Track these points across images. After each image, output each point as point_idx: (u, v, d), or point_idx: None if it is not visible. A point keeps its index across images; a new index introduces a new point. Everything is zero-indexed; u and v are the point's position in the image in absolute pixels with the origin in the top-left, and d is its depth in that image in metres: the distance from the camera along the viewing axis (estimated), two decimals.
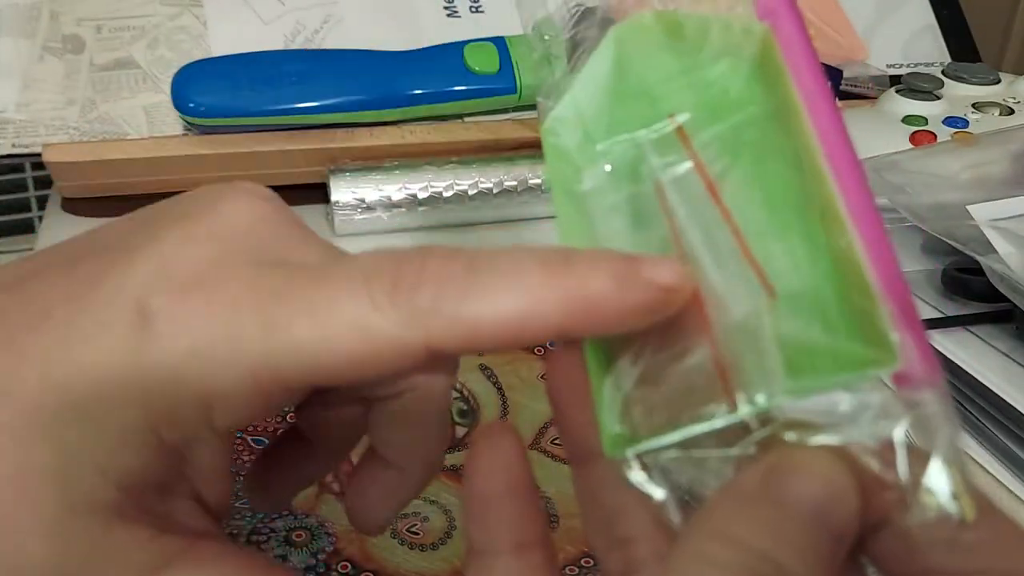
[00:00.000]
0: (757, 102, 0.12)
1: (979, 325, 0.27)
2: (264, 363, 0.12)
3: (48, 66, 0.34)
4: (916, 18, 0.42)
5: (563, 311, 0.12)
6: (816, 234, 0.11)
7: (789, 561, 0.10)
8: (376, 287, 0.12)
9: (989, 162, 0.30)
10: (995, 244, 0.26)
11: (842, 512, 0.11)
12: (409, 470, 0.15)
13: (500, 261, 0.12)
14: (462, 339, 0.12)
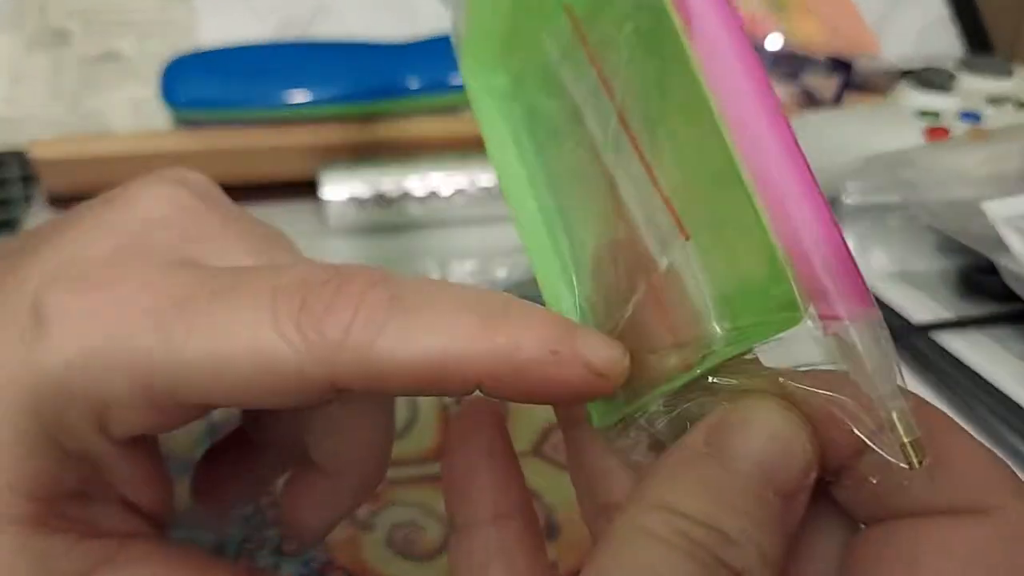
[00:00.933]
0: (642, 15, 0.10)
1: (994, 326, 0.26)
2: (155, 377, 0.11)
3: (35, 60, 0.33)
4: (928, 10, 0.42)
5: (487, 368, 0.11)
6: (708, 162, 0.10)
7: (733, 526, 0.09)
8: (283, 307, 0.11)
9: (1004, 157, 0.29)
10: (1010, 243, 0.25)
11: (791, 468, 0.10)
12: (345, 480, 0.14)
13: (428, 297, 0.11)
14: (370, 378, 0.11)
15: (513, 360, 0.11)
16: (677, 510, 0.10)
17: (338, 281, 0.11)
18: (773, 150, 0.09)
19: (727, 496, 0.10)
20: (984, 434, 0.25)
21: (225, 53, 0.31)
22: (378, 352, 0.11)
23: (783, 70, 0.39)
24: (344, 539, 0.21)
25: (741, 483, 0.10)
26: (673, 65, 0.10)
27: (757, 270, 0.09)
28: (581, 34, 0.12)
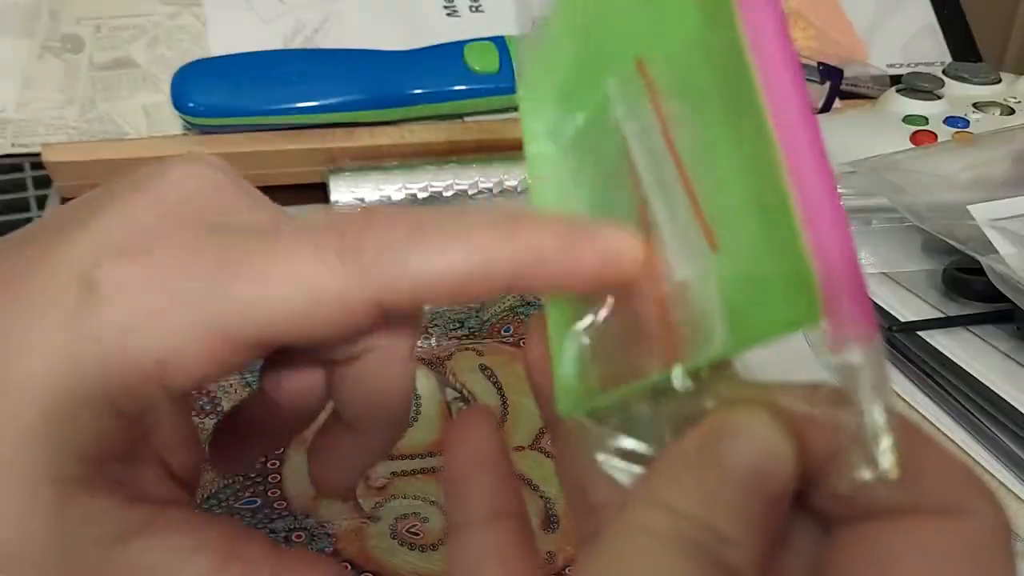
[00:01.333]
0: (707, 41, 0.12)
1: (980, 325, 0.27)
2: (211, 323, 0.12)
3: (47, 65, 0.34)
4: (917, 17, 0.42)
5: (511, 266, 0.12)
6: (756, 186, 0.11)
7: (726, 526, 0.10)
8: (323, 243, 0.12)
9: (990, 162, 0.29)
10: (996, 244, 0.26)
11: (778, 475, 0.11)
12: (371, 434, 0.15)
13: (447, 220, 0.12)
14: (410, 293, 0.12)
15: (533, 255, 0.12)
16: (676, 510, 0.10)
17: (367, 214, 0.12)
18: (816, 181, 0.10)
19: (722, 499, 0.10)
20: (969, 429, 0.25)
21: (235, 60, 0.32)
22: (413, 267, 0.12)
23: None
24: (349, 530, 0.21)
25: (735, 487, 0.10)
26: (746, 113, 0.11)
27: (780, 281, 0.10)
28: (649, 81, 0.13)
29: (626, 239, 0.12)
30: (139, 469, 0.13)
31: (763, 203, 0.11)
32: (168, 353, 0.12)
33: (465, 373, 0.26)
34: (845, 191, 0.29)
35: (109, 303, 0.12)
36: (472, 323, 0.28)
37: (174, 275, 0.12)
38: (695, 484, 0.11)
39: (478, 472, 0.13)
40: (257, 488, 0.22)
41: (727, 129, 0.12)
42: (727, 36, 0.11)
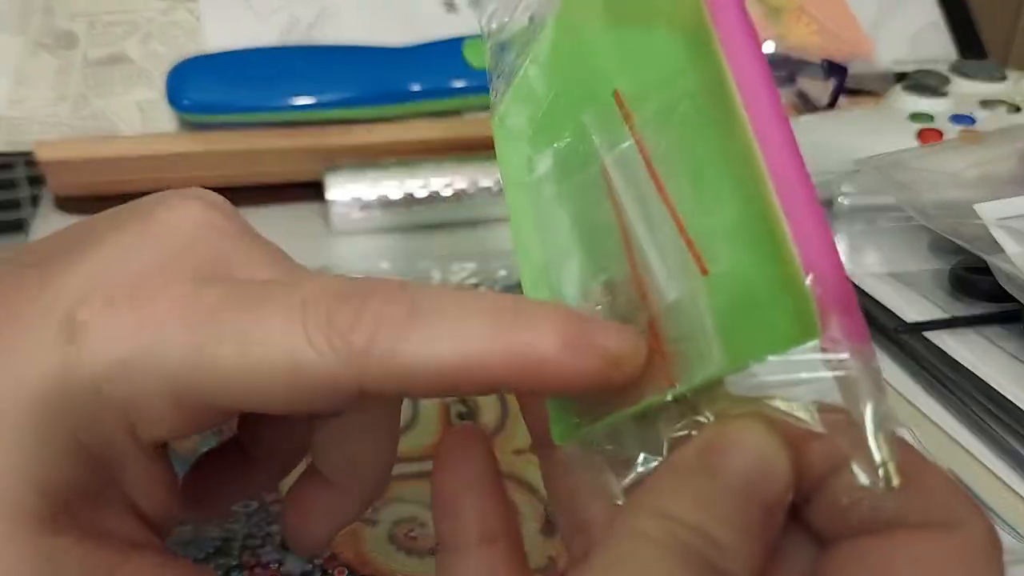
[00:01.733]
0: (690, 72, 0.12)
1: (987, 326, 0.27)
2: (187, 383, 0.12)
3: (41, 62, 0.34)
4: (922, 14, 0.42)
5: (505, 366, 0.11)
6: (744, 209, 0.11)
7: (722, 534, 0.10)
8: (311, 320, 0.12)
9: (996, 160, 0.29)
10: (1002, 243, 0.26)
11: (775, 485, 0.11)
12: (350, 490, 0.15)
13: (445, 305, 0.12)
14: (396, 382, 0.12)
15: (529, 357, 0.11)
16: (674, 517, 0.10)
17: (360, 296, 0.12)
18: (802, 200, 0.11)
19: (719, 508, 0.11)
20: (976, 431, 0.25)
21: (230, 57, 0.32)
22: (401, 359, 0.12)
23: (779, 74, 0.39)
24: (347, 534, 0.21)
25: (731, 496, 0.11)
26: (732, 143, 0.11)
27: (773, 299, 0.11)
28: (626, 112, 0.13)
29: (629, 341, 0.12)
30: (107, 510, 0.13)
31: (752, 225, 0.11)
32: (137, 408, 0.12)
33: None
34: (850, 190, 0.29)
35: (86, 347, 0.12)
36: None
37: (156, 330, 0.12)
38: (693, 493, 0.11)
39: (469, 493, 0.13)
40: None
41: (711, 155, 0.12)
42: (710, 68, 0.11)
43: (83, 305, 0.12)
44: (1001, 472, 0.24)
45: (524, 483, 0.23)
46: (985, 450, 0.25)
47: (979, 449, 0.25)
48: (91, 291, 0.12)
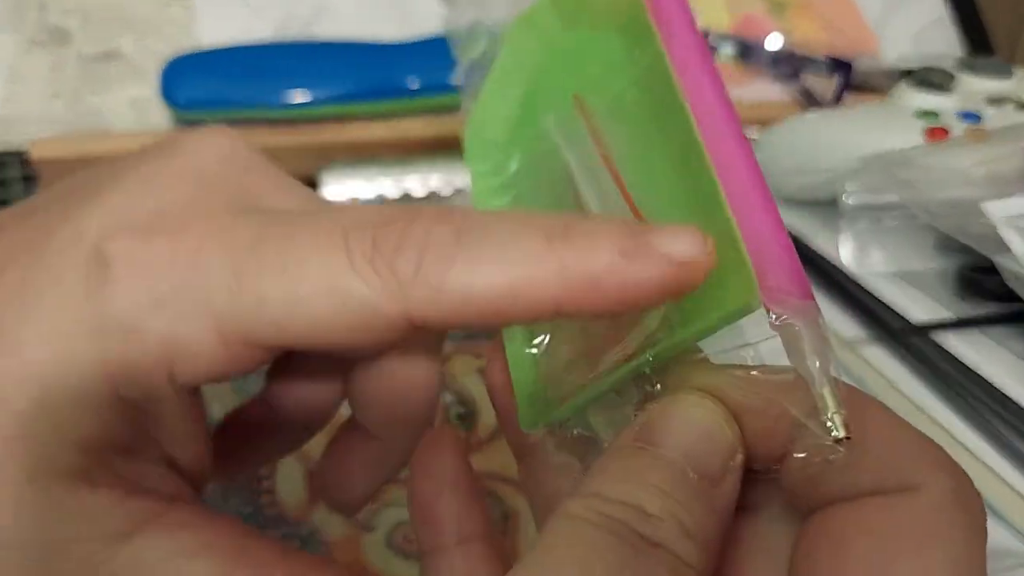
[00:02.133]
0: (634, 64, 0.13)
1: (994, 326, 0.26)
2: (230, 319, 0.11)
3: (34, 59, 0.33)
4: (928, 10, 0.42)
5: (561, 287, 0.11)
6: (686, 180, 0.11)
7: (652, 504, 0.10)
8: (356, 247, 0.11)
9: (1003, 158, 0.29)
10: (1010, 243, 0.25)
11: (713, 452, 0.11)
12: (391, 441, 0.15)
13: (494, 227, 0.11)
14: (447, 312, 0.11)
15: (587, 272, 0.11)
16: (601, 495, 0.10)
17: (405, 221, 0.11)
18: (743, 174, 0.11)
19: (648, 478, 0.10)
20: (983, 433, 0.25)
21: (225, 53, 0.31)
22: (450, 285, 0.11)
23: (783, 70, 0.39)
24: (344, 539, 0.21)
25: (662, 466, 0.11)
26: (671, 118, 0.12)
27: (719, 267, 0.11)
28: (586, 112, 0.14)
29: (691, 240, 0.11)
30: (143, 462, 0.13)
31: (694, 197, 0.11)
32: (177, 345, 0.11)
33: (463, 376, 0.25)
34: (855, 188, 0.29)
35: (119, 282, 0.11)
36: None
37: (193, 261, 0.11)
38: (622, 469, 0.11)
39: (444, 497, 0.13)
40: (249, 495, 0.22)
41: (659, 139, 0.12)
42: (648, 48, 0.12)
43: (112, 239, 0.11)
44: (1007, 475, 0.24)
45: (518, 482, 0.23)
46: (992, 452, 0.24)
47: (985, 451, 0.24)
48: (119, 224, 0.12)
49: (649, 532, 0.10)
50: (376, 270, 0.11)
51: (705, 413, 0.11)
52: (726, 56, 0.38)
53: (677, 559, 0.10)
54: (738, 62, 0.39)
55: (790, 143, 0.32)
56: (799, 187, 0.32)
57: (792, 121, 0.33)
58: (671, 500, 0.10)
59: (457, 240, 0.11)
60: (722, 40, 0.38)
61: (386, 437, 0.15)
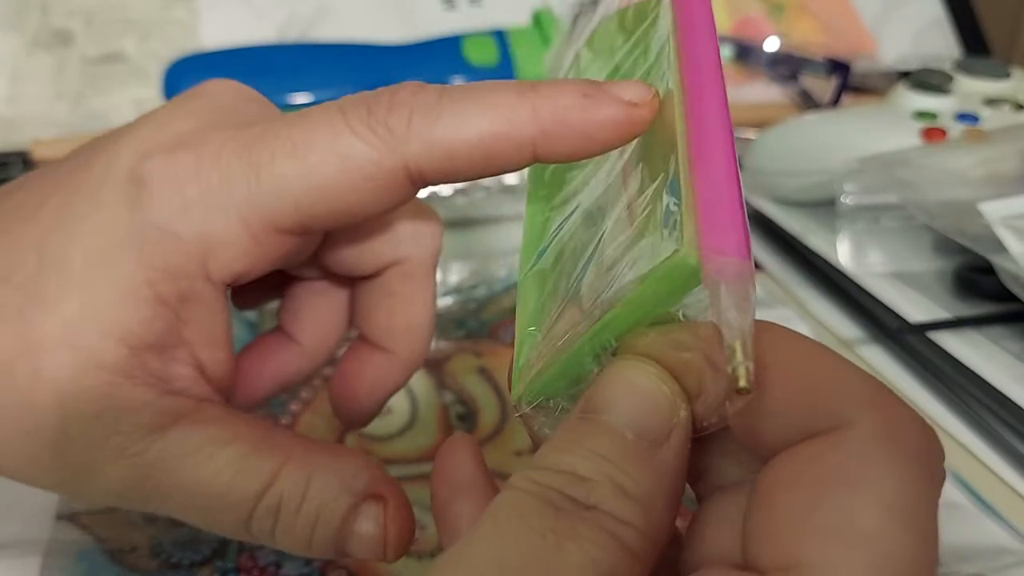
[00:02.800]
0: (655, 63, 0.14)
1: (991, 326, 0.26)
2: (253, 206, 0.13)
3: (37, 60, 0.34)
4: (926, 12, 0.42)
5: (535, 127, 0.13)
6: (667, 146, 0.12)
7: (587, 468, 0.10)
8: (353, 116, 0.13)
9: (1000, 159, 0.29)
10: (1007, 243, 0.25)
11: (652, 412, 0.11)
12: (396, 352, 0.16)
13: (472, 89, 0.13)
14: (440, 161, 0.13)
15: (554, 112, 0.13)
16: (538, 465, 0.11)
17: (391, 91, 0.13)
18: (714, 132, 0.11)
19: (583, 444, 0.11)
20: (980, 432, 0.25)
21: (227, 54, 0.31)
22: (440, 135, 0.13)
23: (781, 72, 0.39)
24: None
25: (600, 432, 0.11)
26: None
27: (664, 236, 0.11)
28: None
29: (641, 89, 0.13)
30: (177, 364, 0.14)
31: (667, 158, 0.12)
32: (209, 241, 0.13)
33: (464, 376, 0.25)
34: (853, 189, 0.29)
35: (153, 196, 0.13)
36: (472, 324, 0.28)
37: (214, 166, 0.13)
38: (561, 439, 0.11)
39: (464, 498, 0.13)
40: None
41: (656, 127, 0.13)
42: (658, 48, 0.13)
43: (144, 161, 0.13)
44: (1004, 473, 0.24)
45: None
46: (988, 451, 0.24)
47: (982, 450, 0.24)
48: (150, 148, 0.13)
49: (582, 496, 0.10)
50: (373, 130, 0.13)
51: (640, 375, 0.11)
52: (724, 57, 0.39)
53: (612, 518, 0.10)
54: (736, 64, 0.39)
55: (788, 144, 0.33)
56: (797, 188, 0.32)
57: (790, 122, 0.33)
58: (606, 462, 0.10)
59: (440, 99, 0.13)
60: (721, 42, 0.39)
61: (390, 348, 0.16)
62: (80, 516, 0.21)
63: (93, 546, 0.20)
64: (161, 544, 0.20)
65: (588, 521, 0.10)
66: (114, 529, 0.20)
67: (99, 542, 0.20)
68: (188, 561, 0.20)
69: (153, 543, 0.20)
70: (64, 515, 0.20)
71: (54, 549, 0.19)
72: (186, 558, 0.20)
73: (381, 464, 0.21)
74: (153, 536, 0.20)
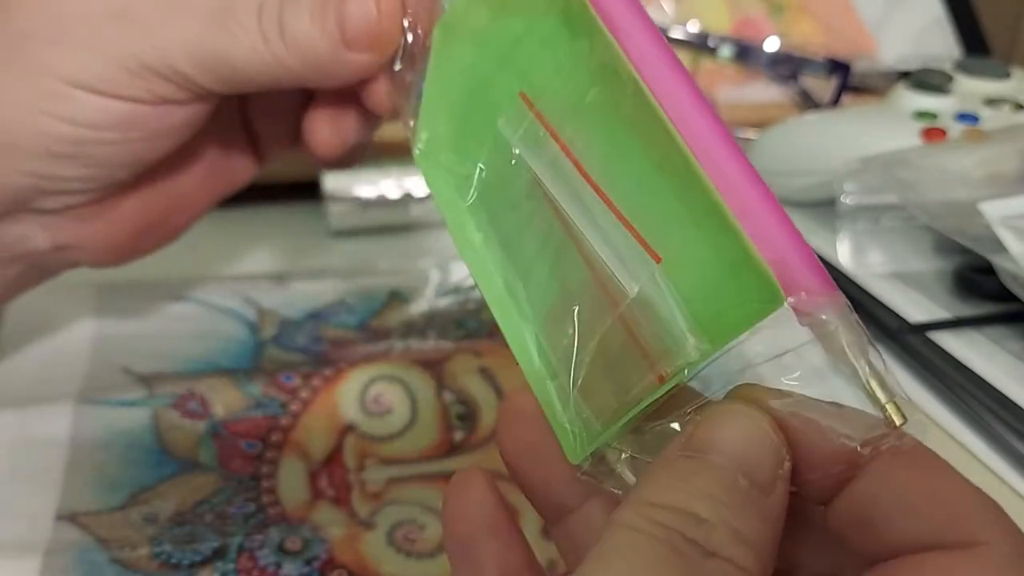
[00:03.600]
0: (583, 57, 0.12)
1: (991, 326, 0.26)
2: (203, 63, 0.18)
3: None
4: (926, 12, 0.42)
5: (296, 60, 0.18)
6: (676, 187, 0.11)
7: (706, 510, 0.10)
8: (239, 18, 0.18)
9: (1001, 159, 0.29)
10: (1007, 243, 0.25)
11: (762, 457, 0.11)
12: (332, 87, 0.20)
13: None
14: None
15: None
16: (651, 502, 0.10)
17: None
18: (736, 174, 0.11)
19: (698, 484, 0.10)
20: (980, 432, 0.25)
21: None
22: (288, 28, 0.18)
23: (781, 72, 0.39)
24: (345, 537, 0.21)
25: (712, 472, 0.11)
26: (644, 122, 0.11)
27: (732, 274, 0.11)
28: (537, 112, 0.13)
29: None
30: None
31: (691, 205, 0.11)
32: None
33: (464, 376, 0.26)
34: (853, 189, 0.29)
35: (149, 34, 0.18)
36: (471, 324, 0.28)
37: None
38: (672, 476, 0.11)
39: (484, 536, 0.13)
40: (250, 493, 0.22)
41: (630, 137, 0.12)
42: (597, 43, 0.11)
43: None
44: (1005, 474, 0.24)
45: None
46: (989, 451, 0.24)
47: (983, 450, 0.24)
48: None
49: (703, 539, 0.10)
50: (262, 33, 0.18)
51: (752, 421, 0.11)
52: (725, 57, 0.39)
53: (733, 566, 0.10)
54: (737, 64, 0.39)
55: (788, 144, 0.33)
56: (797, 188, 0.32)
57: (790, 122, 0.33)
58: (723, 506, 0.10)
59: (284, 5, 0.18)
60: (721, 42, 0.39)
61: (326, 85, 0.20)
62: (80, 517, 0.21)
63: (93, 547, 0.20)
64: (161, 545, 0.20)
65: (712, 571, 0.10)
66: (114, 530, 0.20)
67: (99, 543, 0.20)
68: (188, 562, 0.20)
69: (153, 544, 0.20)
70: (64, 516, 0.20)
71: (54, 549, 0.19)
72: (186, 559, 0.20)
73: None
74: (153, 537, 0.20)
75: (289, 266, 0.30)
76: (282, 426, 0.23)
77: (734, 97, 0.38)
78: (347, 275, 0.30)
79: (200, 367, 0.25)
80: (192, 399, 0.24)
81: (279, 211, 0.33)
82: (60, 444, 0.22)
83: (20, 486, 0.21)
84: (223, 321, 0.27)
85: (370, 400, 0.24)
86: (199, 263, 0.30)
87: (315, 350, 0.26)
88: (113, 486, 0.21)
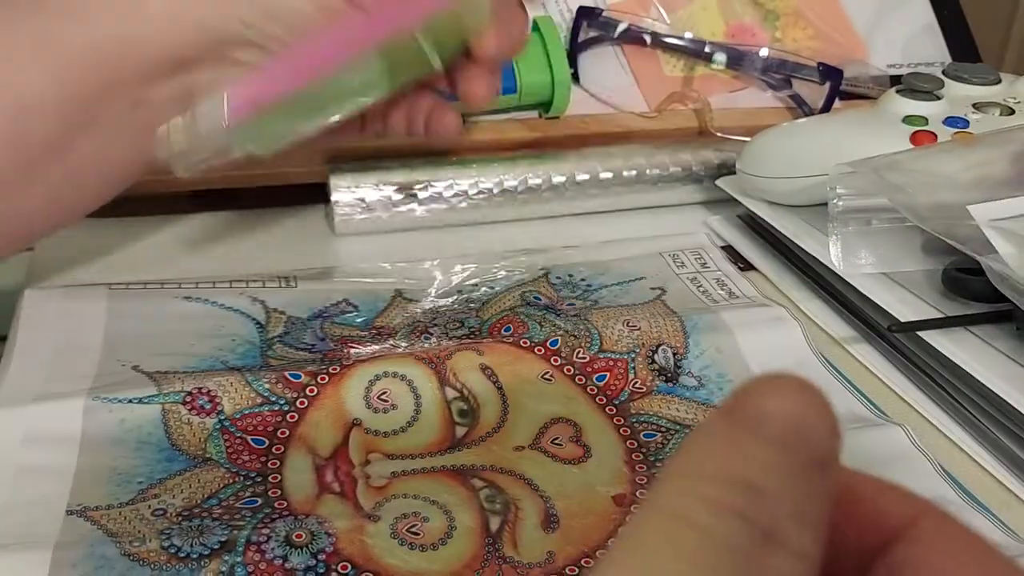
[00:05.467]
0: None
1: (979, 325, 0.27)
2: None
3: None
4: (916, 18, 0.42)
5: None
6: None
7: (762, 479, 0.09)
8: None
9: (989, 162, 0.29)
10: (995, 244, 0.26)
11: (820, 431, 0.09)
12: None
13: None
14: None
15: None
16: (694, 474, 0.09)
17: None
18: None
19: (756, 454, 0.09)
20: (970, 429, 0.25)
21: None
22: None
23: (775, 77, 0.40)
24: (349, 530, 0.21)
25: (769, 442, 0.09)
26: None
27: None
28: None
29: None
30: None
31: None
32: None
33: (465, 373, 0.26)
34: (844, 191, 0.29)
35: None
36: (472, 323, 0.28)
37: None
38: (719, 443, 0.09)
39: None
40: (258, 488, 0.22)
41: None
42: None
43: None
44: (994, 469, 0.24)
45: (524, 479, 0.23)
46: (978, 447, 0.25)
47: (972, 446, 0.25)
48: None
49: (766, 513, 0.08)
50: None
51: (808, 389, 0.09)
52: (719, 63, 0.39)
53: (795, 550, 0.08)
54: (731, 70, 0.40)
55: (781, 148, 0.33)
56: (790, 191, 0.33)
57: (783, 127, 0.34)
58: (785, 478, 0.09)
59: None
60: (715, 48, 0.39)
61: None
62: (90, 511, 0.21)
63: (103, 540, 0.20)
64: (170, 538, 0.20)
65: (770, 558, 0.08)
66: (124, 524, 0.21)
67: (109, 536, 0.20)
68: (196, 555, 0.20)
69: (162, 537, 0.20)
70: (74, 510, 0.21)
71: (64, 543, 0.20)
72: (195, 552, 0.20)
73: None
74: (162, 531, 0.20)
75: (296, 266, 0.31)
76: (289, 422, 0.24)
77: (728, 103, 0.39)
78: (352, 275, 0.30)
79: (209, 365, 0.25)
80: (201, 396, 0.24)
81: (286, 213, 0.34)
82: (71, 440, 0.22)
83: (32, 481, 0.21)
84: (231, 320, 0.27)
85: (375, 397, 0.25)
86: (208, 264, 0.30)
87: (321, 348, 0.27)
88: (123, 481, 0.22)
